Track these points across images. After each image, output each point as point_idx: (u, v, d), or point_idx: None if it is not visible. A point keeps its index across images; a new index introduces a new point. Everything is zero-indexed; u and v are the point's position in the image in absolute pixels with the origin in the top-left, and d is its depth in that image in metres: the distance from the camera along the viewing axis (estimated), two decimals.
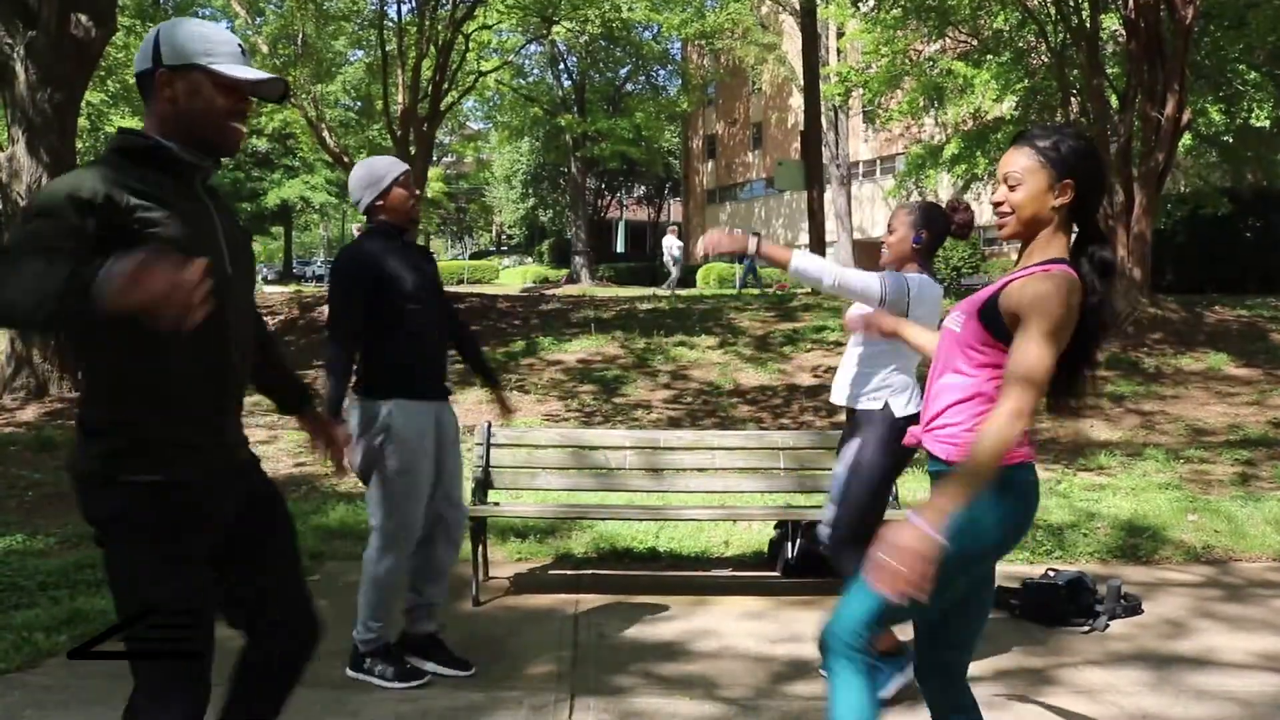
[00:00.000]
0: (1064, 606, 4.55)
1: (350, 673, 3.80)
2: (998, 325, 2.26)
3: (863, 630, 2.28)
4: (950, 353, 2.36)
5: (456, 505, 3.96)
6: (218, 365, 2.14)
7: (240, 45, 2.16)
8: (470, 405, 9.41)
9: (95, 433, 2.06)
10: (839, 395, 3.87)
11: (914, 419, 3.58)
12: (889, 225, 3.80)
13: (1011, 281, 2.27)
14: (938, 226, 3.68)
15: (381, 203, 3.71)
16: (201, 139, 2.12)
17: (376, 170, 3.74)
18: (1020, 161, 2.30)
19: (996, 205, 2.34)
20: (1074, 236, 2.35)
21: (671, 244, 25.85)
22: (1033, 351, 2.14)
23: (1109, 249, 2.34)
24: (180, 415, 2.09)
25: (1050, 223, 2.30)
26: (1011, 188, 2.30)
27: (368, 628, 3.78)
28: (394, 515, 3.68)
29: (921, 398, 2.63)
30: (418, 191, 3.86)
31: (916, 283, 3.61)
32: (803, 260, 3.50)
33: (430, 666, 3.85)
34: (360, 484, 3.76)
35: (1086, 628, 4.48)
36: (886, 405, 3.71)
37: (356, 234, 4.01)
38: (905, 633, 4.15)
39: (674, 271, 25.19)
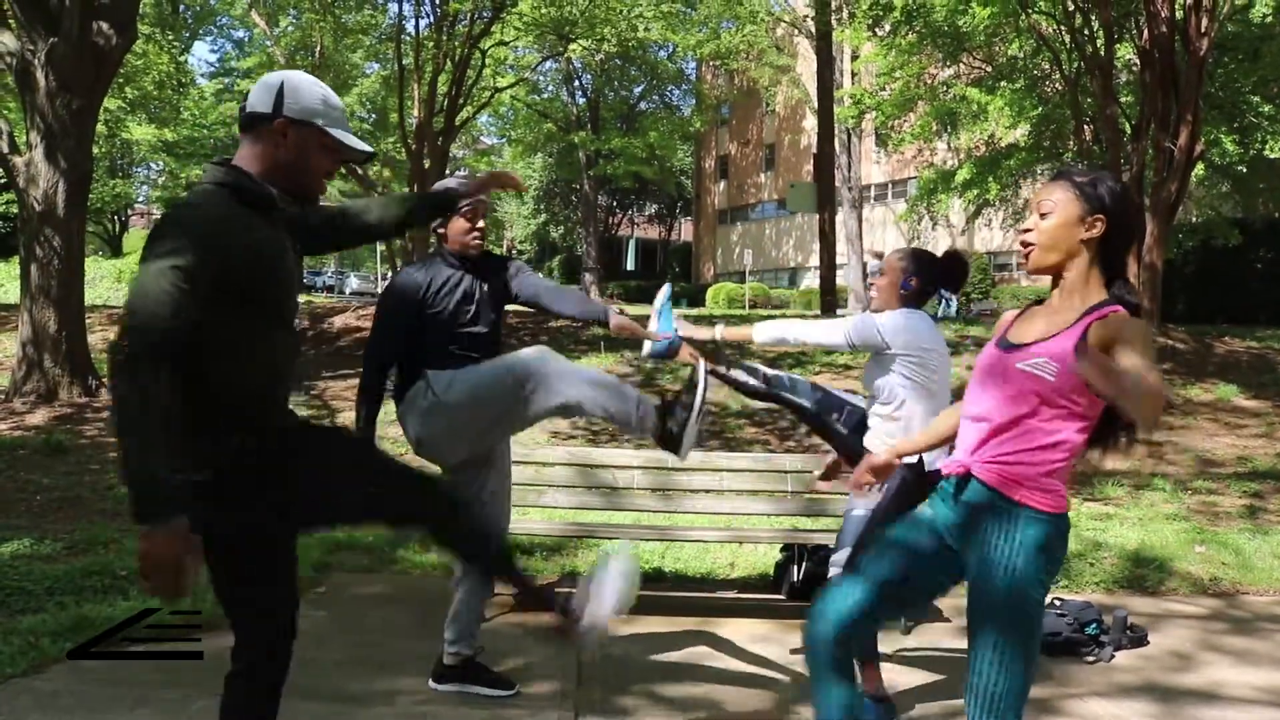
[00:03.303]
0: (1070, 636, 4.54)
1: (439, 686, 3.80)
2: None
3: (1021, 705, 2.29)
4: (1032, 397, 2.27)
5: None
6: (282, 379, 2.41)
7: (344, 110, 2.41)
8: None
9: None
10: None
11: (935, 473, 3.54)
12: (880, 268, 3.84)
13: (1090, 324, 2.22)
14: (928, 276, 3.71)
15: (442, 230, 3.72)
16: (295, 186, 2.35)
17: None
18: (1055, 193, 2.31)
19: (1025, 233, 2.35)
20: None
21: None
22: (1148, 366, 2.04)
23: (1135, 294, 2.33)
24: (246, 421, 2.28)
25: (1077, 255, 2.29)
26: (1043, 215, 2.31)
27: (465, 641, 3.78)
28: (482, 437, 3.57)
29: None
30: (481, 224, 3.76)
31: (890, 322, 3.59)
32: (762, 332, 3.57)
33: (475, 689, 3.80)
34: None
35: (1092, 658, 4.47)
36: (920, 458, 3.63)
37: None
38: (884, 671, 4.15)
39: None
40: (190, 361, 2.16)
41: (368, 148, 2.41)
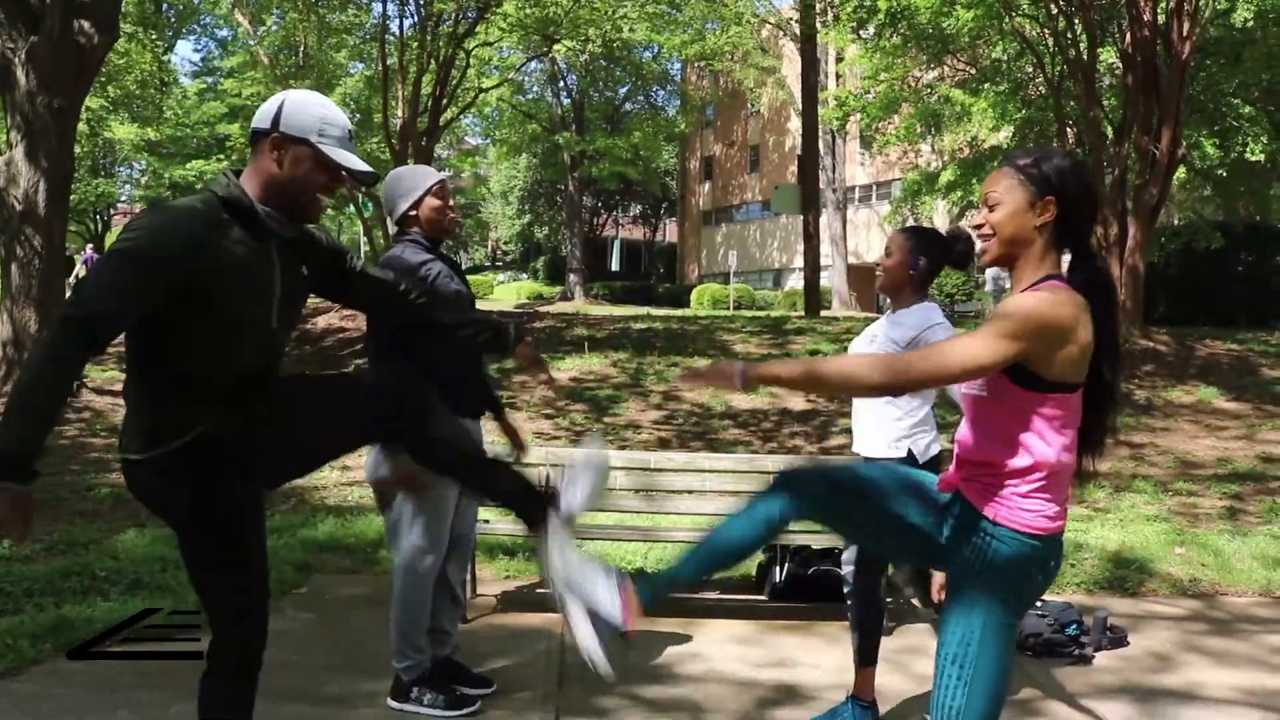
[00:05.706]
0: (1050, 637, 4.55)
1: (394, 704, 3.62)
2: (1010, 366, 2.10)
3: None
4: (986, 414, 2.19)
5: (473, 524, 3.95)
6: (249, 378, 2.39)
7: (350, 130, 2.40)
8: None
9: (145, 429, 2.32)
10: (865, 446, 3.66)
11: (934, 460, 3.51)
12: (886, 248, 3.62)
13: None
14: (936, 254, 3.52)
15: (415, 213, 3.59)
16: (290, 204, 2.36)
17: (411, 179, 3.65)
18: (1000, 182, 2.20)
19: (978, 228, 2.25)
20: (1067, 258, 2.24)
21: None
22: (964, 341, 2.04)
23: (1103, 263, 2.21)
24: (203, 411, 2.31)
25: (1033, 243, 2.18)
26: (991, 208, 2.20)
27: (406, 654, 3.60)
28: (425, 533, 3.55)
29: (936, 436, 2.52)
30: (453, 203, 3.71)
31: (925, 318, 3.49)
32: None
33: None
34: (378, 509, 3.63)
35: (1072, 659, 4.49)
36: (910, 453, 3.53)
37: (395, 240, 3.72)
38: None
39: None
40: (150, 345, 2.27)
41: (367, 168, 2.39)
